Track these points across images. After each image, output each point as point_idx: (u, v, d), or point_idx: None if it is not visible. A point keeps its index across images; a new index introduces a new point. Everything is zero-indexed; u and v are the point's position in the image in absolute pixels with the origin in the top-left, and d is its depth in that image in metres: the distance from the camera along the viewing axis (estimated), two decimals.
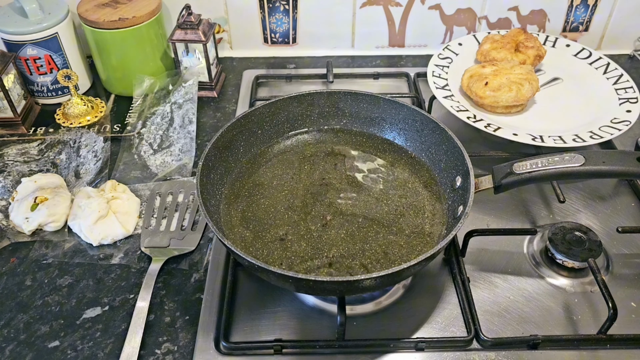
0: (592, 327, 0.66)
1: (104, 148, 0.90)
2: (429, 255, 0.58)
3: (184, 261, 0.74)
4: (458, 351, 0.64)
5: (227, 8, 1.09)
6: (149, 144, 0.90)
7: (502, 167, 0.66)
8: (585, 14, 1.10)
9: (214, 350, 0.64)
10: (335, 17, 1.10)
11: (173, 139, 0.90)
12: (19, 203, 0.78)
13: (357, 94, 0.81)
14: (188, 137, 0.91)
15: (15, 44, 0.94)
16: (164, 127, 0.92)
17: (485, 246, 0.75)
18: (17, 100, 0.95)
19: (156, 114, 0.95)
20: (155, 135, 0.91)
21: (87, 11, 0.96)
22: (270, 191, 0.75)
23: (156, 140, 0.91)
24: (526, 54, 0.97)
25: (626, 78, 0.95)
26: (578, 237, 0.73)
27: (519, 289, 0.71)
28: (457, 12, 1.10)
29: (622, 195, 0.84)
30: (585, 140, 0.83)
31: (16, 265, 0.75)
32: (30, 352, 0.65)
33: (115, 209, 0.77)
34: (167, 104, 0.96)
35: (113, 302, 0.70)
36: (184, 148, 0.89)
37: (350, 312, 0.67)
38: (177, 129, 0.92)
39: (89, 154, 0.89)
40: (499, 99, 0.88)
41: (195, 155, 0.89)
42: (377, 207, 0.72)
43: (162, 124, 0.93)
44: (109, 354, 0.64)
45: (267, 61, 1.15)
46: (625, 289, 0.70)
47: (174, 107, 0.95)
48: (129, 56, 0.99)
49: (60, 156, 0.90)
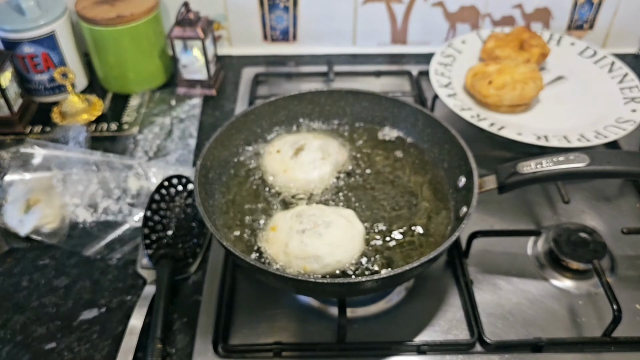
0: (596, 330, 0.65)
1: (86, 138, 0.90)
2: (431, 257, 0.57)
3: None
4: (461, 354, 0.63)
5: (226, 5, 1.08)
6: (144, 151, 0.90)
7: (506, 167, 0.65)
8: (590, 11, 1.09)
9: (213, 353, 0.63)
10: (337, 13, 1.09)
11: (170, 149, 0.90)
12: (12, 205, 0.78)
13: (358, 92, 0.80)
14: (186, 150, 0.90)
15: (12, 41, 0.93)
16: (162, 137, 0.92)
17: (489, 247, 0.74)
18: (13, 98, 0.94)
19: (154, 124, 0.95)
20: (152, 143, 0.91)
21: (84, 8, 0.95)
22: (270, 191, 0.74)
23: (152, 149, 0.90)
24: (530, 52, 0.96)
25: (631, 77, 0.93)
26: (582, 238, 0.72)
27: (522, 291, 0.70)
28: (461, 9, 1.09)
29: (627, 196, 0.83)
30: (590, 140, 0.82)
31: (12, 266, 0.74)
32: (26, 353, 0.64)
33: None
34: (168, 117, 0.96)
35: (110, 303, 0.69)
36: (180, 158, 0.88)
37: (351, 314, 0.66)
38: (176, 140, 0.91)
39: (76, 146, 0.89)
40: (503, 98, 0.87)
41: (193, 167, 0.88)
42: (378, 206, 0.71)
43: (160, 134, 0.93)
44: (106, 355, 0.64)
45: (267, 59, 1.14)
46: (630, 290, 0.69)
47: (175, 120, 0.95)
48: (127, 54, 0.98)
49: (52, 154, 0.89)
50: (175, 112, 0.98)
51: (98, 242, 0.76)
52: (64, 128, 0.94)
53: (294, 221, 0.65)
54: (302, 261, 0.62)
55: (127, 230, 0.78)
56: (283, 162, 0.74)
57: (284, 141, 0.77)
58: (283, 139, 0.78)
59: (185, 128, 0.94)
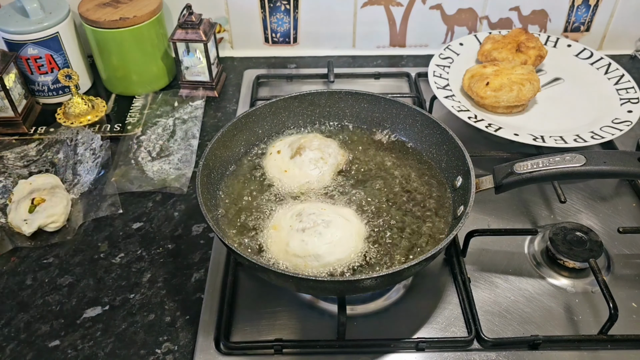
0: (593, 328, 0.66)
1: (102, 146, 0.90)
2: (429, 255, 0.58)
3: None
4: (459, 351, 0.64)
5: (228, 7, 1.09)
6: (147, 152, 0.91)
7: (503, 167, 0.66)
8: (587, 14, 1.10)
9: (214, 350, 0.64)
10: (336, 16, 1.10)
11: (173, 149, 0.91)
12: (17, 205, 0.78)
13: (357, 93, 0.81)
14: (189, 150, 0.91)
15: (17, 43, 0.94)
16: (165, 137, 0.93)
17: (486, 246, 0.75)
18: (17, 99, 0.95)
19: (157, 125, 0.96)
20: (155, 144, 0.92)
21: (88, 11, 0.96)
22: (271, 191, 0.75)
23: (155, 149, 0.91)
24: (527, 54, 0.97)
25: (627, 78, 0.94)
26: (579, 237, 0.73)
27: (519, 289, 0.70)
28: (458, 12, 1.10)
29: (623, 196, 0.83)
30: (586, 140, 0.83)
31: (17, 264, 0.75)
32: (30, 351, 0.65)
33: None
34: (171, 118, 0.97)
35: (113, 301, 0.70)
36: (183, 159, 0.89)
37: (351, 312, 0.67)
38: (179, 141, 0.92)
39: (87, 152, 0.89)
40: (500, 99, 0.88)
41: (195, 167, 0.89)
42: (377, 205, 0.72)
43: (163, 135, 0.94)
44: (109, 353, 0.64)
45: (268, 61, 1.15)
46: (626, 289, 0.70)
47: (178, 121, 0.96)
48: (130, 56, 1.00)
49: (58, 155, 0.90)
50: (178, 114, 0.99)
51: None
52: (71, 130, 0.94)
53: (294, 220, 0.66)
54: (303, 259, 0.63)
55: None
56: (284, 162, 0.75)
57: (285, 142, 0.78)
58: (283, 140, 0.79)
59: (187, 129, 0.95)
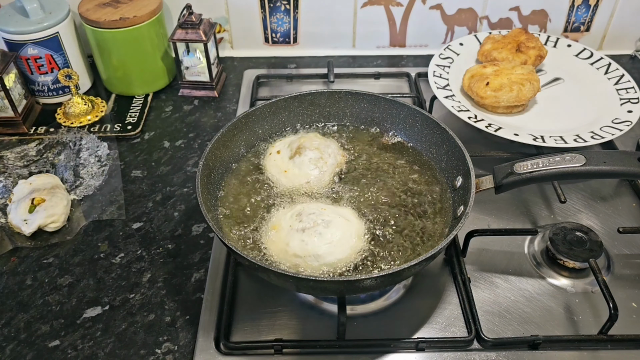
0: (593, 328, 0.66)
1: (109, 155, 0.90)
2: (429, 255, 0.58)
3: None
4: (459, 351, 0.64)
5: (228, 7, 1.09)
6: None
7: (503, 167, 0.66)
8: (587, 14, 1.10)
9: (214, 350, 0.64)
10: (336, 16, 1.10)
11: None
12: (16, 205, 0.78)
13: (358, 93, 0.81)
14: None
15: (17, 43, 0.94)
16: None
17: (486, 246, 0.75)
18: (17, 99, 0.95)
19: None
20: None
21: (88, 11, 0.96)
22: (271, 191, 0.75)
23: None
24: (527, 54, 0.97)
25: (627, 78, 0.94)
26: (579, 237, 0.73)
27: (519, 289, 0.71)
28: (458, 12, 1.10)
29: (623, 196, 0.83)
30: (586, 140, 0.83)
31: (17, 264, 0.75)
32: (30, 351, 0.65)
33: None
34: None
35: (113, 301, 0.70)
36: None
37: (351, 312, 0.67)
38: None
39: (91, 157, 0.89)
40: (500, 99, 0.88)
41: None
42: (377, 205, 0.72)
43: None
44: (109, 353, 0.64)
45: (268, 61, 1.15)
46: (626, 289, 0.70)
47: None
48: (130, 56, 1.00)
49: (59, 157, 0.90)
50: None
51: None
52: (74, 134, 0.94)
53: (294, 220, 0.66)
54: (303, 259, 0.63)
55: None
56: (283, 162, 0.75)
57: (285, 142, 0.78)
58: (283, 140, 0.79)
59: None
